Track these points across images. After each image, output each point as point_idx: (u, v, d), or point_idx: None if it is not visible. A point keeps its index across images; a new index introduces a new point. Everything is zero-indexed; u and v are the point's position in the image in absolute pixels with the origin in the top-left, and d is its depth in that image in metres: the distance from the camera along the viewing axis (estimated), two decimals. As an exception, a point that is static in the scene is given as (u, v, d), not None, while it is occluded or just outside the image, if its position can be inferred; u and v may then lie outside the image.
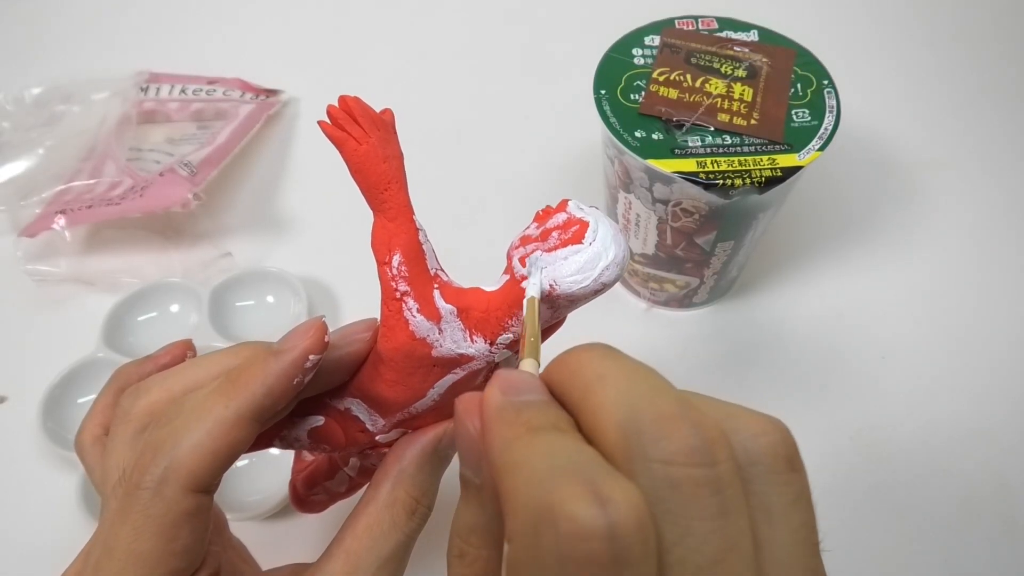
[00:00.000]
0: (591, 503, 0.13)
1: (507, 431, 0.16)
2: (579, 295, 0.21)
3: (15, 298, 0.47)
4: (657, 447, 0.15)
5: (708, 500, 0.14)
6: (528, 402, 0.17)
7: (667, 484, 0.14)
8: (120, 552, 0.21)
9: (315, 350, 0.22)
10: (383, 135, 0.23)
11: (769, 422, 0.17)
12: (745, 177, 0.34)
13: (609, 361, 0.17)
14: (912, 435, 0.41)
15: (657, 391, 0.16)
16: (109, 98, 0.52)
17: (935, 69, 0.59)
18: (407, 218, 0.23)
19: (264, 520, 0.37)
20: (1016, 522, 0.38)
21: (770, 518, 0.16)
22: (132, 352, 0.42)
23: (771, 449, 0.16)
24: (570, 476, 0.14)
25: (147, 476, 0.21)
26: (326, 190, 0.52)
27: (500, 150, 0.54)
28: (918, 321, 0.45)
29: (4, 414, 0.42)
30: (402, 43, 0.62)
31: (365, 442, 0.26)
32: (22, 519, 0.38)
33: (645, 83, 0.38)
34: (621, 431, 0.15)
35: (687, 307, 0.46)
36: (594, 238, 0.21)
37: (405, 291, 0.22)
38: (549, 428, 0.16)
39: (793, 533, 0.16)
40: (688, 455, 0.15)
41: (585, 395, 0.16)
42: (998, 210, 0.50)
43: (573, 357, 0.17)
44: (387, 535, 0.24)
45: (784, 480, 0.16)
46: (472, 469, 0.18)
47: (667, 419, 0.15)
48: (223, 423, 0.21)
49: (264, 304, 0.45)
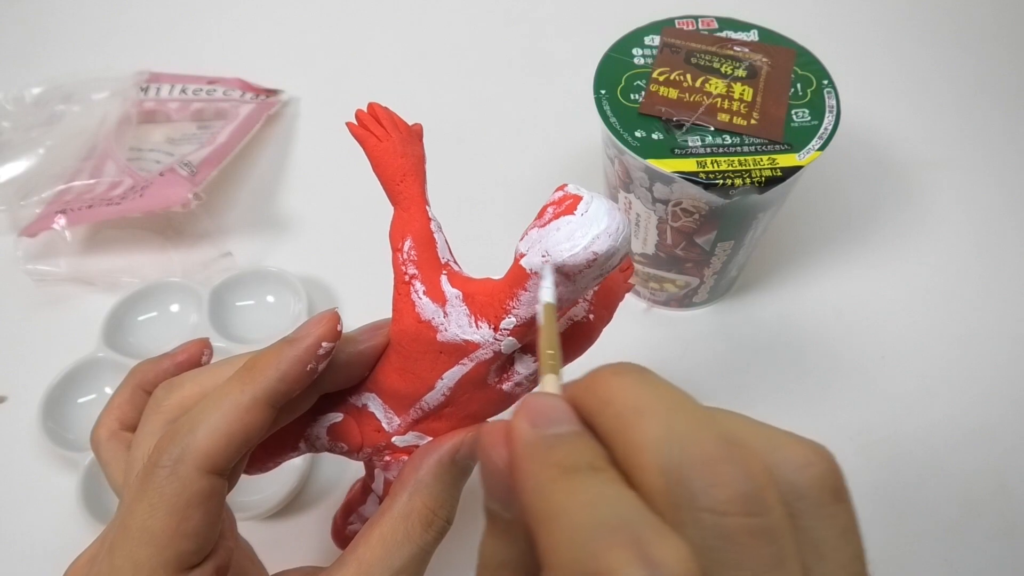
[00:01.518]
0: (641, 568, 0.13)
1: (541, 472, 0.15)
2: (571, 264, 0.21)
3: (15, 298, 0.47)
4: (706, 496, 0.14)
5: (763, 550, 0.14)
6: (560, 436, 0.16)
7: (719, 535, 0.14)
8: (134, 530, 0.21)
9: (327, 337, 0.23)
10: (404, 136, 0.24)
11: (814, 451, 0.16)
12: (745, 177, 0.34)
13: (646, 391, 0.16)
14: (912, 435, 0.41)
15: (699, 426, 0.15)
16: (109, 98, 0.52)
17: (935, 69, 0.59)
18: (420, 208, 0.24)
19: (264, 520, 0.37)
20: (1016, 522, 0.38)
21: (820, 553, 0.15)
22: (132, 352, 0.42)
23: (818, 481, 0.15)
24: (616, 535, 0.13)
25: (164, 456, 0.21)
26: (326, 190, 0.52)
27: (500, 150, 0.54)
28: (918, 321, 0.45)
29: (4, 414, 0.42)
30: (402, 43, 0.62)
31: (381, 442, 0.26)
32: (22, 519, 0.38)
33: (645, 83, 0.38)
34: (665, 475, 0.14)
35: (687, 307, 0.46)
36: (586, 209, 0.21)
37: (413, 274, 0.24)
38: (585, 468, 0.15)
39: (844, 568, 0.15)
40: (739, 503, 0.14)
41: (621, 429, 0.16)
42: (998, 210, 0.50)
43: (604, 383, 0.17)
44: (401, 546, 0.23)
45: (831, 512, 0.15)
46: (500, 503, 0.17)
47: (714, 462, 0.14)
48: (238, 407, 0.22)
49: (264, 304, 0.45)
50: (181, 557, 0.21)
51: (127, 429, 0.26)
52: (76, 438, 0.39)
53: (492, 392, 0.25)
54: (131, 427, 0.26)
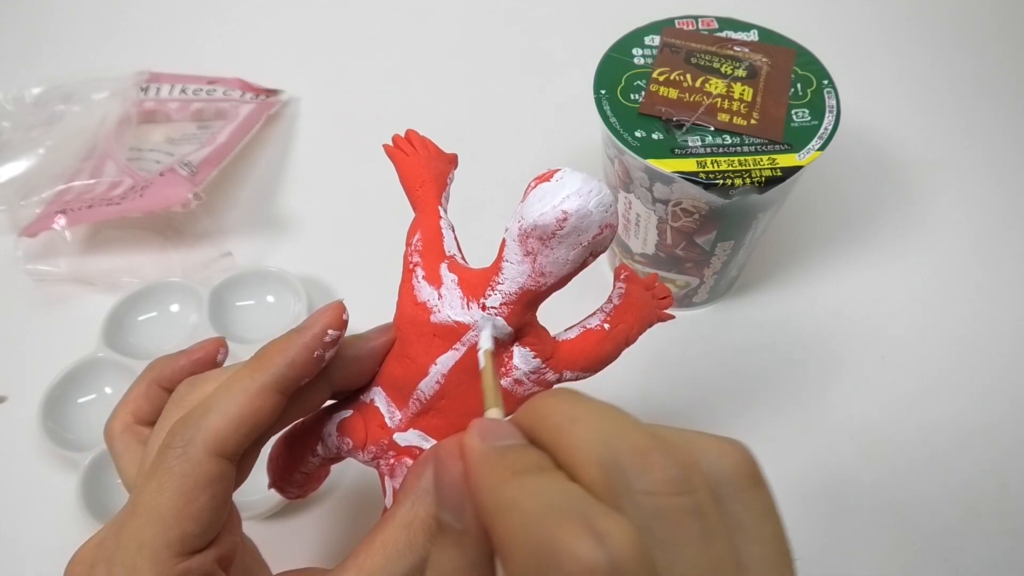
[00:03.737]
0: (590, 539, 0.14)
1: (493, 474, 0.17)
2: (542, 225, 0.22)
3: (15, 298, 0.47)
4: (640, 479, 0.16)
5: (693, 526, 0.15)
6: (508, 446, 0.18)
7: (654, 514, 0.15)
8: (142, 508, 0.22)
9: (333, 325, 0.24)
10: (431, 155, 0.27)
11: (728, 443, 0.18)
12: (745, 177, 0.34)
13: (578, 403, 0.18)
14: (912, 435, 0.41)
15: (628, 427, 0.17)
16: (109, 98, 0.52)
17: (935, 69, 0.59)
18: (433, 209, 0.26)
19: (264, 520, 0.37)
20: (1016, 522, 0.38)
21: (744, 532, 0.16)
22: (132, 352, 0.42)
23: (735, 468, 0.17)
24: (565, 514, 0.15)
25: (177, 438, 0.22)
26: (326, 190, 0.52)
27: (500, 150, 0.54)
28: (918, 321, 0.45)
29: (4, 414, 0.42)
30: (402, 43, 0.62)
31: (383, 439, 0.26)
32: (22, 519, 0.38)
33: (645, 83, 0.38)
34: (602, 467, 0.16)
35: (687, 307, 0.46)
36: (562, 176, 0.22)
37: (417, 262, 0.25)
38: (533, 469, 0.17)
39: (767, 545, 0.17)
40: (669, 484, 0.16)
41: (558, 437, 0.17)
42: (998, 210, 0.50)
43: (540, 403, 0.18)
44: (402, 555, 0.23)
45: (751, 496, 0.17)
46: (454, 513, 0.18)
47: (644, 452, 0.16)
48: (247, 392, 0.23)
49: (264, 304, 0.45)
50: (185, 539, 0.21)
51: (141, 423, 0.27)
52: (76, 438, 0.39)
53: None
54: (145, 421, 0.27)
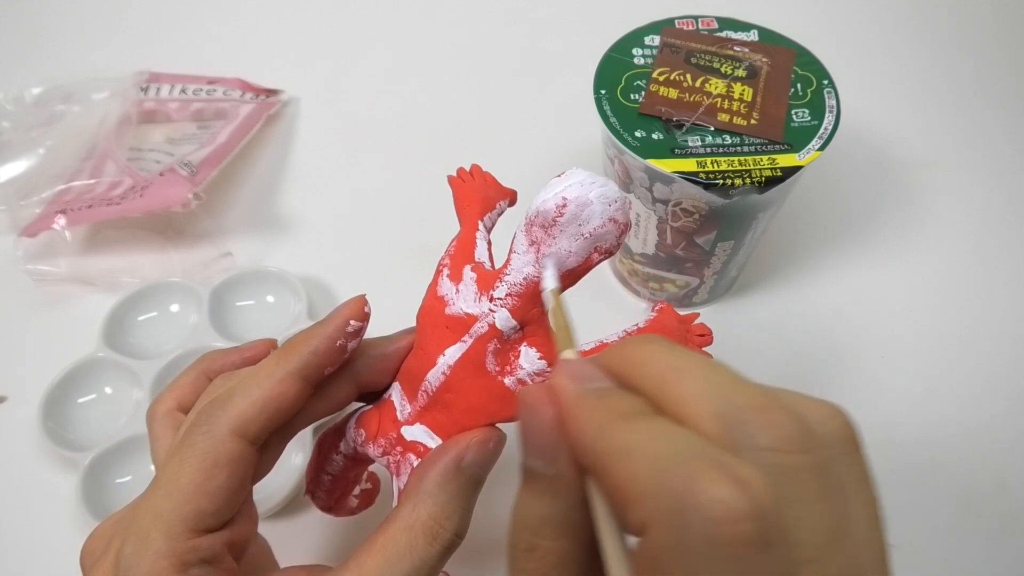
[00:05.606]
0: (732, 484, 0.14)
1: (597, 416, 0.16)
2: (543, 212, 0.23)
3: (15, 298, 0.47)
4: (764, 435, 0.15)
5: (814, 484, 0.15)
6: (605, 388, 0.17)
7: (779, 471, 0.15)
8: (162, 482, 0.22)
9: (355, 316, 0.25)
10: (486, 183, 0.29)
11: (832, 407, 0.17)
12: (745, 177, 0.34)
13: (680, 353, 0.17)
14: (911, 434, 0.41)
15: (740, 382, 0.16)
16: (109, 98, 0.52)
17: (935, 69, 0.59)
18: (472, 223, 0.28)
19: (264, 520, 0.37)
20: (1016, 522, 0.38)
21: (846, 495, 0.16)
22: (132, 352, 0.42)
23: (840, 431, 0.17)
24: (698, 460, 0.14)
25: (203, 416, 0.23)
26: (326, 190, 0.52)
27: (500, 150, 0.54)
28: (918, 320, 0.45)
29: (4, 414, 0.42)
30: (402, 43, 0.62)
31: (392, 432, 0.27)
32: (22, 519, 0.38)
33: (645, 83, 0.38)
34: (721, 420, 0.15)
35: (687, 307, 0.46)
36: (570, 171, 0.24)
37: (446, 263, 0.27)
38: (639, 414, 0.16)
39: (866, 508, 0.16)
40: (792, 442, 0.15)
41: (662, 385, 0.17)
42: (997, 210, 0.50)
43: (635, 349, 0.18)
44: (402, 558, 0.22)
45: (852, 460, 0.17)
46: (545, 459, 0.17)
47: (765, 408, 0.15)
48: (271, 377, 0.24)
49: (264, 304, 0.45)
50: (200, 516, 0.22)
51: (183, 411, 0.27)
52: (76, 438, 0.39)
53: (492, 382, 0.25)
54: (186, 409, 0.27)
